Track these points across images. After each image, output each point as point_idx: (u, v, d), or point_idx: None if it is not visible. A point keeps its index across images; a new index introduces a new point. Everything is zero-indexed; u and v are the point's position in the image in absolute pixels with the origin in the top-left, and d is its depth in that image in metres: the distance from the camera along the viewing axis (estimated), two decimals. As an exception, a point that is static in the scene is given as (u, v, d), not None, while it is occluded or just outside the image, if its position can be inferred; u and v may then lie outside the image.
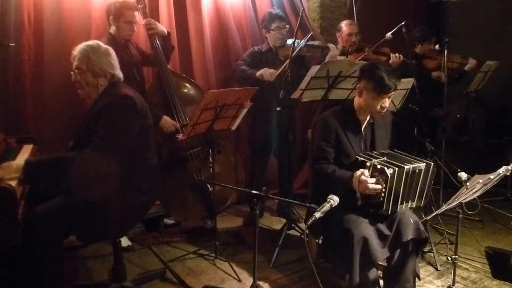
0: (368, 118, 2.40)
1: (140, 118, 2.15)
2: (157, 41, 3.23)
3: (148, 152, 2.27)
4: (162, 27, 3.28)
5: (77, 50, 2.18)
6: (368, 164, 2.16)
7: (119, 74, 2.24)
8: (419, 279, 2.35)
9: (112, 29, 3.07)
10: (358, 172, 2.15)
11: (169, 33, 3.32)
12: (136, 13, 3.08)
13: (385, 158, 2.22)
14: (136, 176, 2.18)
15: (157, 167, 2.39)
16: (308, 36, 3.28)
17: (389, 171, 2.08)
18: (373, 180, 2.12)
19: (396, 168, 2.10)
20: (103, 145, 2.00)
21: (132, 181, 2.16)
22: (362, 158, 2.23)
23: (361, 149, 2.37)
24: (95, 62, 2.14)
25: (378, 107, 2.27)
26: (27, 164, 1.96)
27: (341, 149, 2.34)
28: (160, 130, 3.13)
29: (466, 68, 4.09)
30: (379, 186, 2.11)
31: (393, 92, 2.27)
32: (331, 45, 3.49)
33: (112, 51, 2.23)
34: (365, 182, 2.11)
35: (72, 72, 2.20)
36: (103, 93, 2.18)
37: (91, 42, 2.22)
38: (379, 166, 2.12)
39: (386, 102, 2.28)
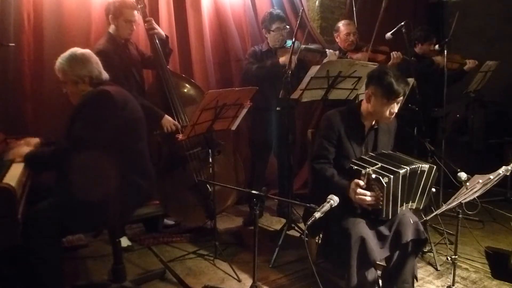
0: (373, 123, 2.38)
1: (120, 110, 2.16)
2: (157, 41, 3.23)
3: (138, 142, 2.29)
4: (161, 31, 3.29)
5: (55, 65, 2.24)
6: (363, 172, 2.12)
7: (101, 75, 2.26)
8: (417, 280, 2.34)
9: (112, 29, 3.07)
10: (353, 185, 2.13)
11: (167, 37, 3.33)
12: (136, 12, 3.08)
13: (380, 164, 2.17)
14: (129, 165, 2.19)
15: (149, 159, 2.40)
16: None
17: (384, 180, 2.05)
18: (371, 193, 2.10)
19: (392, 176, 2.06)
20: (81, 137, 2.06)
21: (125, 170, 2.17)
22: (356, 167, 2.18)
23: (362, 153, 2.34)
24: (69, 71, 2.21)
25: (387, 112, 2.26)
26: (26, 157, 2.16)
27: (342, 151, 2.32)
28: (161, 129, 3.13)
29: (465, 68, 4.09)
30: (376, 204, 2.11)
31: (401, 97, 2.24)
32: (329, 51, 3.47)
33: (90, 55, 2.26)
34: (363, 197, 2.10)
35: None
36: (85, 95, 2.21)
37: (66, 53, 2.24)
38: (373, 176, 2.08)
39: (395, 108, 2.27)
